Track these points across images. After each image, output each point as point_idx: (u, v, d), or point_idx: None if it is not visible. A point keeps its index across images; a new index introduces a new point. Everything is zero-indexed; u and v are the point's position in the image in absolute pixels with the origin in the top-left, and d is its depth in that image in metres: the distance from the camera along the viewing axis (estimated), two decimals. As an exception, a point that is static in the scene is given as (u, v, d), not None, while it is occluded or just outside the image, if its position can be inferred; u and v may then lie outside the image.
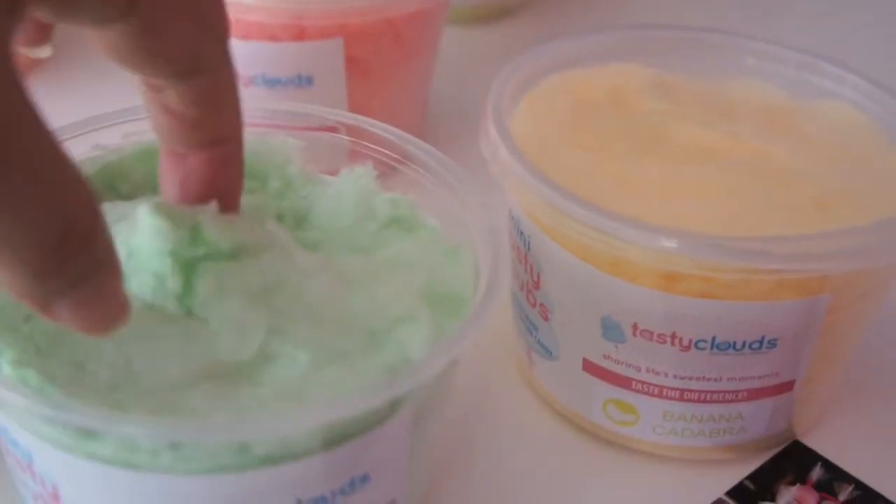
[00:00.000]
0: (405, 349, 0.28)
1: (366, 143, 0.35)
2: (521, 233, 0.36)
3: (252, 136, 0.33)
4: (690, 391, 0.34)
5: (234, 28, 0.43)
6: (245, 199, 0.32)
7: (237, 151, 0.29)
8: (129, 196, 0.33)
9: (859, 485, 0.36)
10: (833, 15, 0.66)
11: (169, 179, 0.29)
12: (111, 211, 0.29)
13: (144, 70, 0.26)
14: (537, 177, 0.34)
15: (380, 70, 0.46)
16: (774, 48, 0.42)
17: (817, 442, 0.37)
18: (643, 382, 0.35)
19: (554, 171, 0.35)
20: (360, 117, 0.35)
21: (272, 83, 0.44)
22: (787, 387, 0.35)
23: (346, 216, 0.33)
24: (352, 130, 0.35)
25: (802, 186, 0.35)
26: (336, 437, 0.26)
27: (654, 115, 0.39)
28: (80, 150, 0.33)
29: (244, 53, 0.44)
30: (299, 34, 0.43)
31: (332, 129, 0.36)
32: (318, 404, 0.26)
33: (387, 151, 0.35)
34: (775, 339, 0.33)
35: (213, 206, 0.29)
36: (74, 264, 0.21)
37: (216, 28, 0.27)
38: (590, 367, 0.35)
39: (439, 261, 0.32)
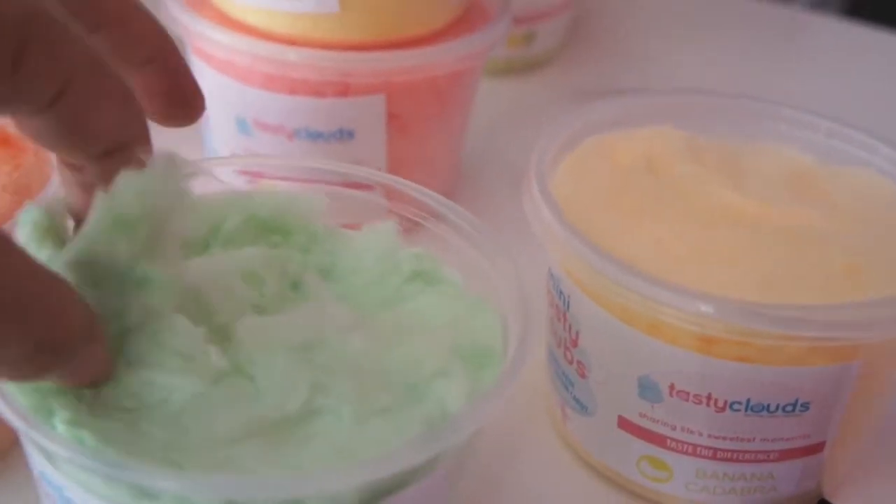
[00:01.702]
0: (443, 403, 0.29)
1: (395, 202, 0.36)
2: (561, 292, 0.37)
3: (277, 192, 0.35)
4: (724, 450, 0.35)
5: (281, 83, 0.45)
6: (270, 253, 0.33)
7: None
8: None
9: (885, 545, 0.37)
10: (862, 80, 0.67)
11: None
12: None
13: (69, 153, 0.26)
14: (578, 238, 0.35)
15: (419, 125, 0.47)
16: (803, 114, 0.43)
17: (844, 501, 0.38)
18: (678, 441, 0.36)
19: (593, 232, 0.36)
20: (392, 177, 0.36)
21: (315, 136, 0.45)
22: (817, 448, 0.36)
23: (370, 270, 0.34)
24: (382, 189, 0.36)
25: (833, 252, 0.36)
26: (374, 494, 0.27)
27: (687, 178, 0.40)
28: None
29: (289, 108, 0.45)
30: (344, 90, 0.45)
31: (367, 187, 0.37)
32: (366, 461, 0.27)
33: (414, 209, 0.36)
34: (808, 403, 0.34)
35: None
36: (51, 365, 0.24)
37: (136, 105, 0.27)
38: (625, 424, 0.36)
39: (463, 314, 0.32)
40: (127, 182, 0.26)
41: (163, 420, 0.27)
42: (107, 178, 0.27)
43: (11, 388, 0.27)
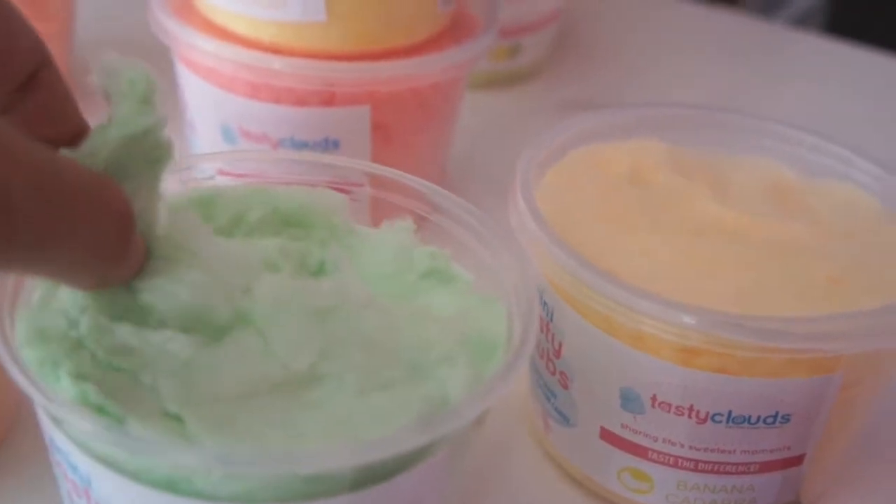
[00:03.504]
0: (445, 387, 0.29)
1: (397, 195, 0.37)
2: (545, 302, 0.37)
3: (300, 189, 0.36)
4: (705, 462, 0.35)
5: (266, 92, 0.45)
6: (289, 245, 0.34)
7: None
8: None
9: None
10: (842, 96, 0.67)
11: None
12: None
13: None
14: (562, 249, 0.35)
15: (403, 135, 0.47)
16: (785, 128, 0.43)
17: (824, 513, 0.38)
18: (659, 452, 0.36)
19: (578, 243, 0.36)
20: (392, 169, 0.36)
21: (299, 145, 0.45)
22: (797, 460, 0.36)
23: (386, 266, 0.35)
24: (381, 181, 0.37)
25: (815, 264, 0.36)
26: (369, 475, 0.27)
27: (671, 190, 0.40)
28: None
29: (273, 116, 0.45)
30: (329, 100, 0.45)
31: (358, 185, 0.37)
32: (365, 441, 0.27)
33: (418, 203, 0.36)
34: (789, 415, 0.34)
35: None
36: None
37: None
38: (607, 435, 0.36)
39: (474, 310, 0.33)
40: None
41: (168, 372, 0.27)
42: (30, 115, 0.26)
43: (20, 338, 0.28)
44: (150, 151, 0.27)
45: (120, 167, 0.26)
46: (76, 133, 0.27)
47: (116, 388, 0.27)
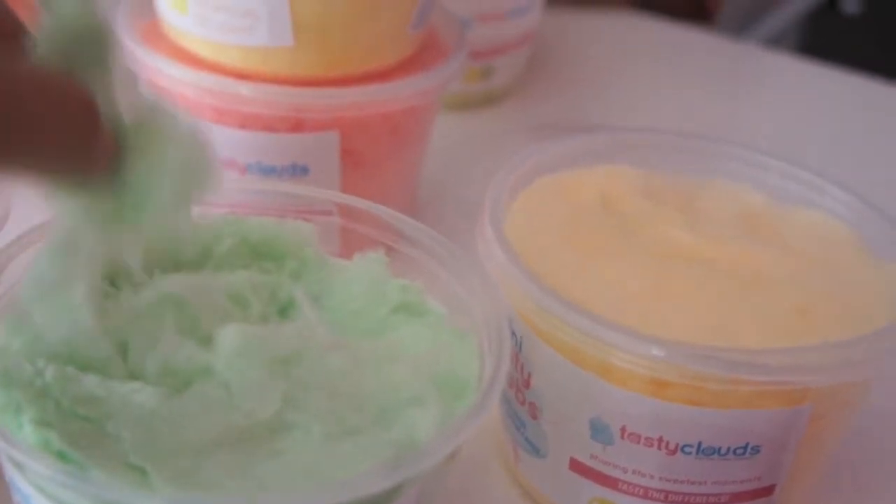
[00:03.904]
0: (413, 430, 0.29)
1: (367, 226, 0.36)
2: (514, 333, 0.37)
3: (270, 220, 0.35)
4: (675, 493, 0.35)
5: (233, 117, 0.44)
6: (259, 278, 0.33)
7: None
8: (153, 270, 0.34)
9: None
10: (813, 124, 0.68)
11: None
12: None
13: None
14: (530, 279, 0.35)
15: (373, 160, 0.47)
16: (756, 154, 0.43)
17: (795, 543, 0.38)
18: (629, 483, 0.35)
19: (546, 272, 0.36)
20: (362, 200, 0.36)
21: (268, 171, 0.45)
22: (767, 491, 0.36)
23: (358, 301, 0.34)
24: (350, 212, 0.36)
25: (784, 293, 0.36)
26: None
27: (641, 216, 0.40)
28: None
29: (241, 142, 0.45)
30: (297, 126, 0.44)
31: (327, 213, 0.37)
32: (328, 484, 0.27)
33: (388, 234, 0.36)
34: (759, 446, 0.34)
35: None
36: None
37: None
38: (577, 466, 0.36)
39: (445, 345, 0.33)
40: None
41: (132, 422, 0.27)
42: None
43: None
44: (92, 39, 0.27)
45: (67, 59, 0.26)
46: (14, 33, 0.27)
47: (80, 437, 0.27)
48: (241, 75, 0.44)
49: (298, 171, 0.45)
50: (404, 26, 0.47)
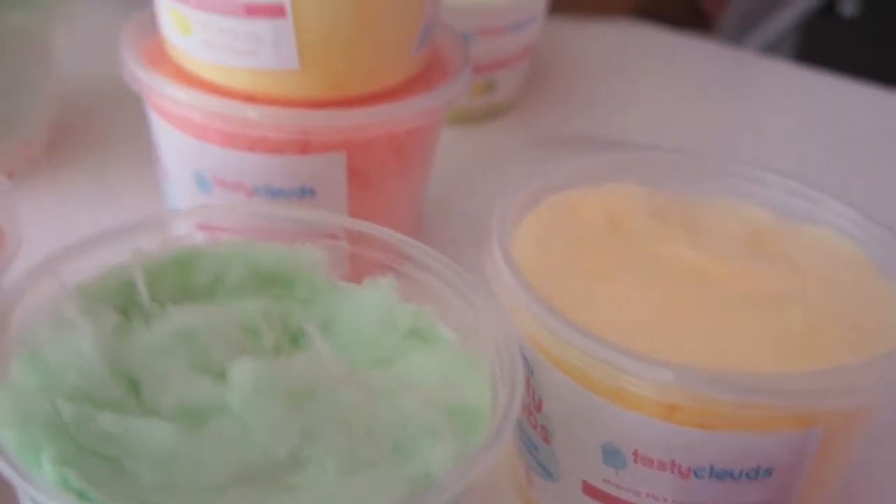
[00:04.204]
0: (428, 464, 0.29)
1: (376, 250, 0.36)
2: (525, 357, 0.37)
3: (279, 245, 0.35)
4: (688, 516, 0.35)
5: (240, 140, 0.44)
6: (270, 306, 0.34)
7: None
8: (164, 300, 0.34)
9: None
10: (819, 143, 0.68)
11: None
12: None
13: None
14: (540, 305, 0.35)
15: (380, 180, 0.47)
16: (761, 171, 0.43)
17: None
18: (642, 506, 0.36)
19: (555, 295, 0.36)
20: (370, 224, 0.36)
21: (276, 194, 0.45)
22: (780, 511, 0.36)
23: (369, 326, 0.34)
24: (359, 236, 0.37)
25: (793, 313, 0.36)
26: None
27: (648, 236, 0.40)
28: (121, 254, 0.34)
29: (248, 165, 0.45)
30: (304, 147, 0.44)
31: (335, 238, 0.37)
32: None
33: (397, 258, 0.36)
34: (771, 469, 0.34)
35: None
36: None
37: None
38: (590, 490, 0.36)
39: (457, 374, 0.33)
40: None
41: (149, 460, 0.27)
42: None
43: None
44: None
45: None
46: None
47: (99, 475, 0.27)
48: (248, 97, 0.44)
49: (306, 193, 0.45)
50: (409, 46, 0.47)
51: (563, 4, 0.74)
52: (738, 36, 1.02)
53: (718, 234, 0.41)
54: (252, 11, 0.43)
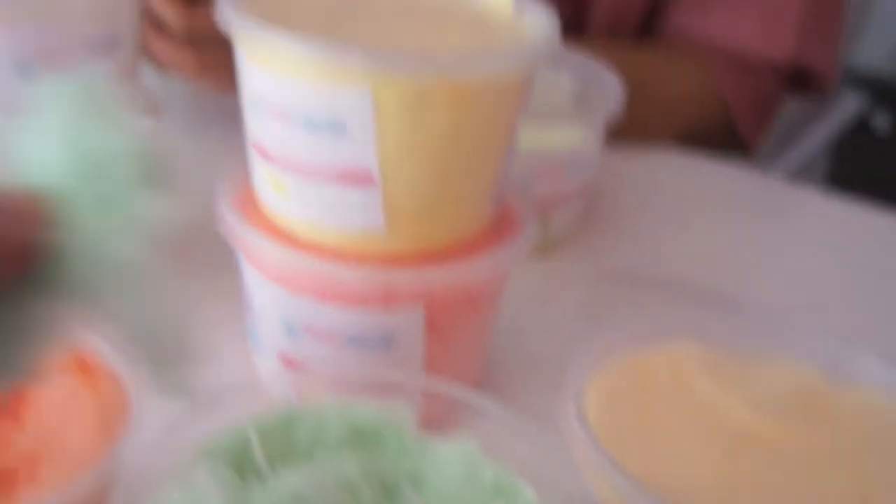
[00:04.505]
0: None
1: (451, 407, 0.40)
2: (596, 514, 0.40)
3: (371, 403, 0.39)
4: None
5: (330, 295, 0.48)
6: (368, 464, 0.37)
7: None
8: (273, 460, 0.37)
9: None
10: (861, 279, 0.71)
11: None
12: None
13: None
14: (615, 469, 0.38)
15: (454, 330, 0.50)
16: (811, 330, 0.47)
17: None
18: None
19: (624, 457, 0.39)
20: (447, 383, 0.40)
21: (359, 343, 0.49)
22: None
23: (456, 482, 0.37)
24: (435, 395, 0.40)
25: (845, 480, 0.39)
26: None
27: (707, 395, 0.44)
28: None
29: (336, 318, 0.49)
30: (387, 302, 0.48)
31: (412, 395, 0.41)
32: None
33: (473, 414, 0.39)
34: None
35: None
36: None
37: None
38: None
39: None
40: None
41: None
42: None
43: None
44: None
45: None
46: None
47: None
48: (336, 252, 0.48)
49: (386, 343, 0.49)
50: (485, 202, 0.51)
51: (606, 132, 0.78)
52: (774, 154, 1.06)
53: (771, 391, 0.45)
54: (344, 179, 0.47)
